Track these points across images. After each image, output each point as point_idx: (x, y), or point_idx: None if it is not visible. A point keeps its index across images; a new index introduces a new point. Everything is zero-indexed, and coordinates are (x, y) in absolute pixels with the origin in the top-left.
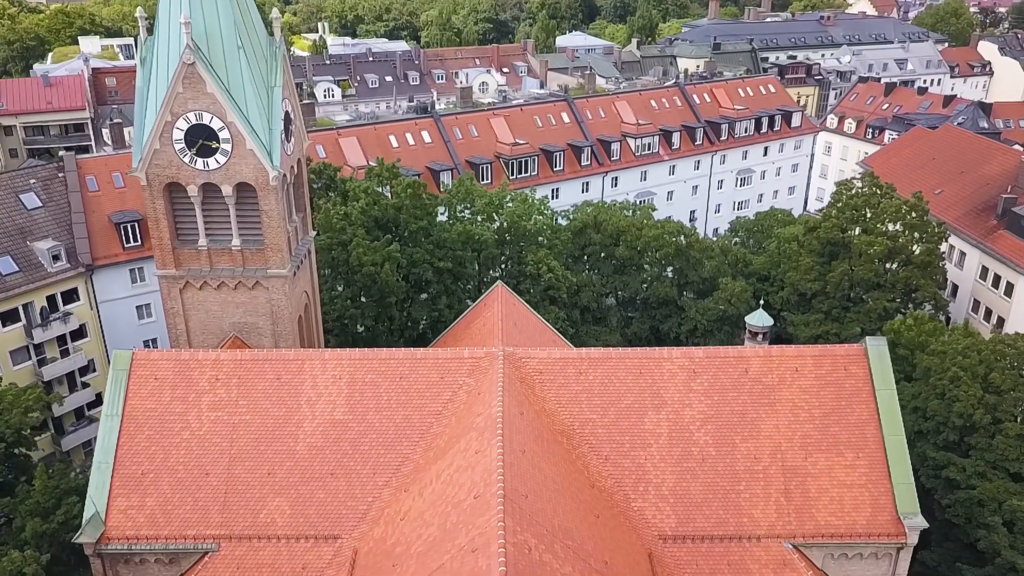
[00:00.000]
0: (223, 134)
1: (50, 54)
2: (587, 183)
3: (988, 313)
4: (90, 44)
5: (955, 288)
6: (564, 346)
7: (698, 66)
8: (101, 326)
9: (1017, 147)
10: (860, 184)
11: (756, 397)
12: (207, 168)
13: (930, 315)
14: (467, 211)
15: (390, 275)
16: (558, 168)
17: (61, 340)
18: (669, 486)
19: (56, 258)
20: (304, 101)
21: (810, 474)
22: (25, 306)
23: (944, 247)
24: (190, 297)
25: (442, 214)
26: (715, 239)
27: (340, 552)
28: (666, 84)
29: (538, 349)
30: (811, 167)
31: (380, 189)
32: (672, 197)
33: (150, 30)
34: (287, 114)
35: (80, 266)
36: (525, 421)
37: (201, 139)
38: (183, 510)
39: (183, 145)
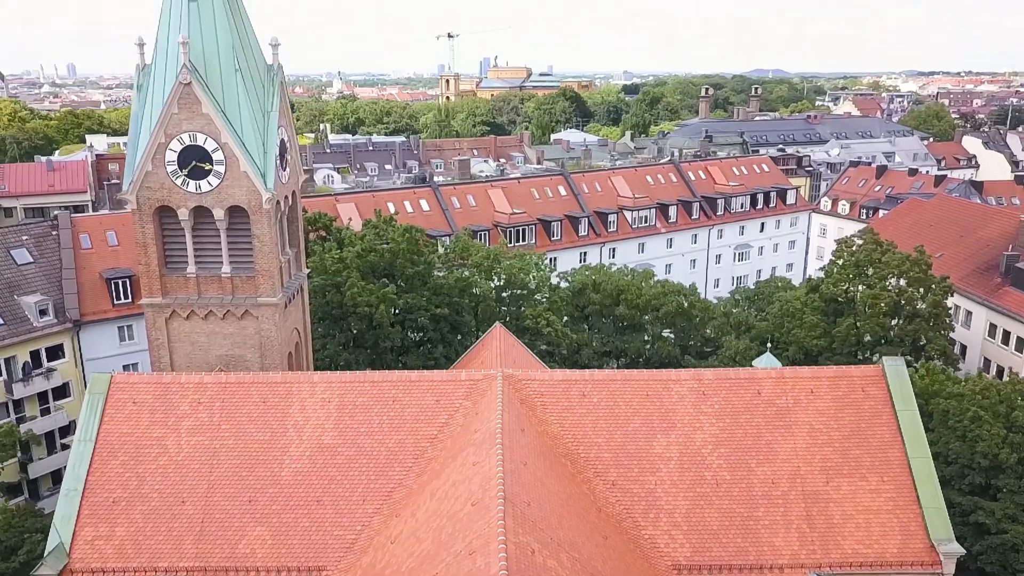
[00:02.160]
0: (217, 155)
1: (57, 151)
2: (584, 253)
3: (1000, 371)
4: (97, 141)
5: (964, 348)
6: None
7: (692, 149)
8: (85, 385)
9: (1015, 201)
10: (860, 241)
11: (770, 419)
12: (199, 191)
13: (941, 369)
14: (465, 267)
15: (385, 316)
16: (556, 237)
17: (43, 398)
18: (682, 513)
19: (43, 312)
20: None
21: (832, 499)
22: (7, 360)
23: (949, 305)
24: (176, 328)
25: (439, 270)
26: (717, 301)
27: None
28: (661, 161)
29: (539, 371)
30: (807, 249)
31: (377, 239)
32: (670, 270)
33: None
34: (283, 142)
35: (67, 321)
36: (527, 438)
37: (194, 160)
38: (155, 540)
39: (176, 167)
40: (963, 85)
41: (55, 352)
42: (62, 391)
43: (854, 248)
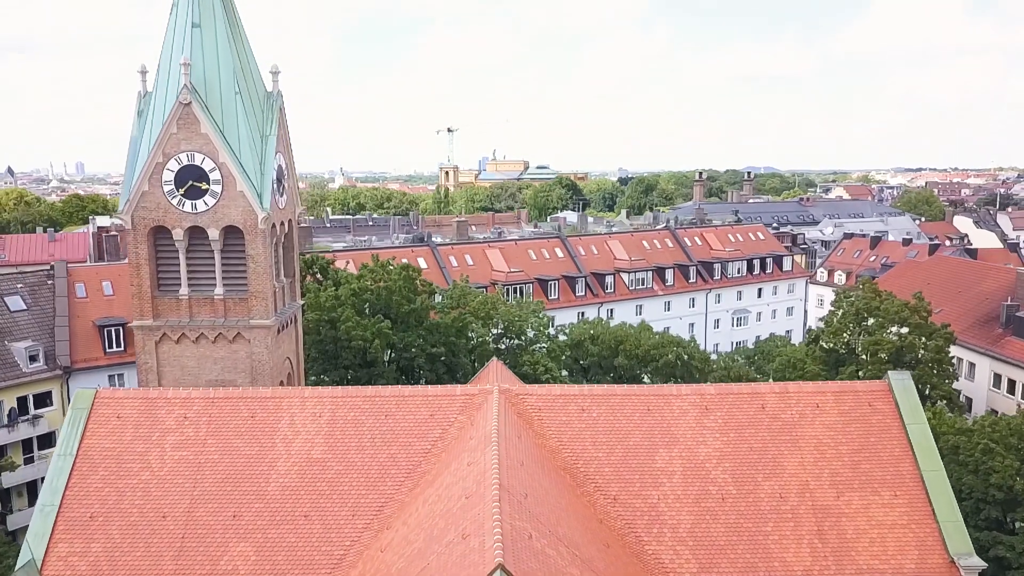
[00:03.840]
0: (214, 175)
1: (62, 231)
2: (582, 313)
3: None
4: (102, 220)
5: (969, 401)
6: None
7: (688, 218)
8: None
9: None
10: (859, 293)
11: (776, 434)
12: (195, 210)
13: (947, 411)
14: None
15: (380, 352)
16: (553, 297)
17: (27, 446)
18: (687, 527)
19: (33, 358)
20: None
21: (844, 514)
22: None
23: (952, 355)
24: (166, 351)
25: (436, 309)
26: (716, 355)
27: None
28: (657, 227)
29: (536, 386)
30: (805, 319)
31: (373, 281)
32: (668, 333)
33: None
34: (280, 167)
35: (57, 368)
36: (524, 444)
37: (191, 180)
38: (133, 557)
39: (172, 187)
40: (951, 179)
41: (43, 399)
42: (48, 439)
43: (853, 298)
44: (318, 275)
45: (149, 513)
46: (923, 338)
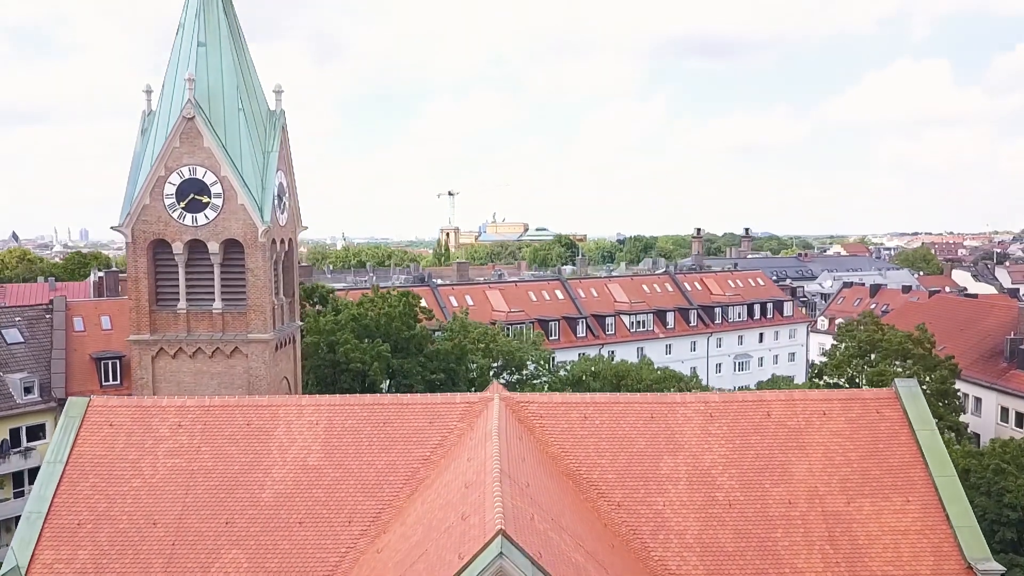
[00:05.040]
0: (215, 188)
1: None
2: (583, 354)
3: None
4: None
5: (977, 436)
6: None
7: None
8: None
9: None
10: (862, 327)
11: (782, 440)
12: (195, 224)
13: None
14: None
15: (379, 375)
16: (553, 337)
17: (18, 480)
18: (694, 534)
19: (28, 390)
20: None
21: (855, 520)
22: None
23: (957, 389)
24: (162, 366)
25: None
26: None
27: None
28: (657, 272)
29: (537, 394)
30: (807, 365)
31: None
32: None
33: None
34: (281, 185)
35: (52, 400)
36: (525, 444)
37: (192, 194)
38: (120, 564)
39: (173, 200)
40: (947, 241)
41: (36, 432)
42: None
43: (855, 332)
44: (318, 304)
45: (139, 520)
46: (927, 371)
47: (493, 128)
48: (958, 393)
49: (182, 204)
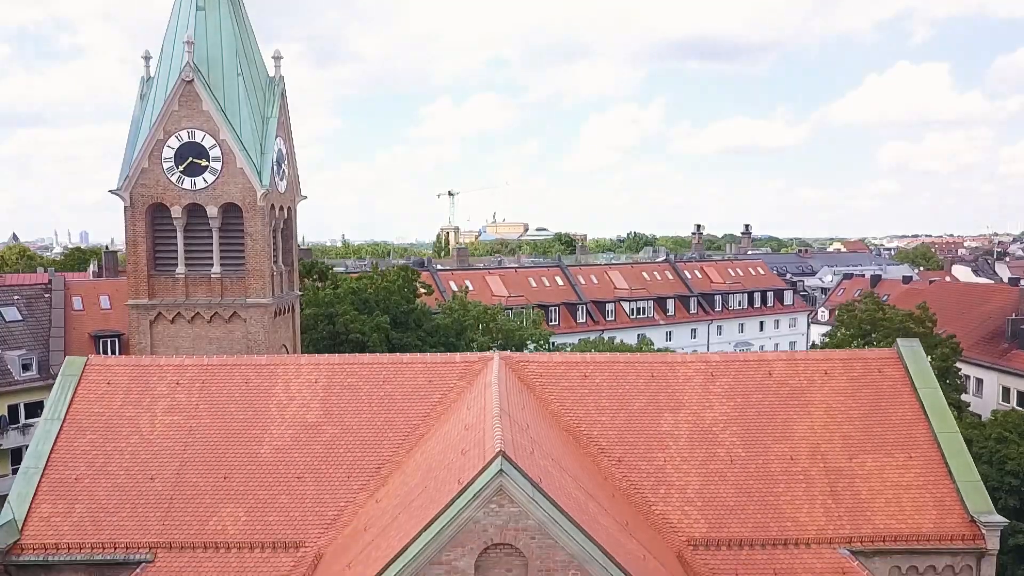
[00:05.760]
0: (214, 152)
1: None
2: (583, 339)
3: None
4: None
5: (978, 417)
6: None
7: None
8: None
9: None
10: (862, 306)
11: (784, 399)
12: (194, 188)
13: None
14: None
15: (378, 346)
16: (553, 323)
17: (16, 456)
18: (695, 489)
19: (26, 367)
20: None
21: (858, 475)
22: None
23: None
24: (160, 331)
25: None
26: None
27: (302, 562)
28: (657, 260)
29: (536, 354)
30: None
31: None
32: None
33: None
34: (280, 152)
35: (50, 377)
36: (525, 398)
37: (191, 157)
38: (117, 517)
39: (172, 164)
40: (947, 242)
41: (34, 410)
42: None
43: (856, 311)
44: (317, 280)
45: (137, 475)
46: (929, 349)
47: (493, 130)
48: (959, 373)
49: (180, 168)
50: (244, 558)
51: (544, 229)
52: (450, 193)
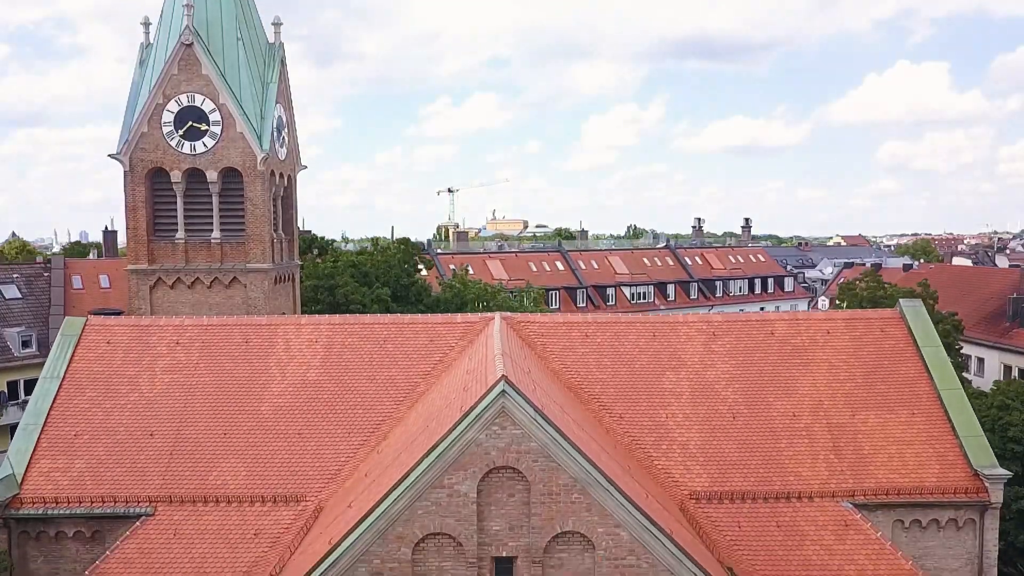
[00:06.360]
0: (213, 116)
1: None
2: None
3: None
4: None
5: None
6: None
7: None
8: None
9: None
10: (862, 284)
11: (786, 357)
12: (194, 152)
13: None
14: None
15: None
16: (554, 307)
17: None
18: (697, 444)
19: (25, 344)
20: None
21: (860, 431)
22: None
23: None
24: (159, 297)
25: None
26: None
27: (302, 515)
28: (658, 246)
29: (538, 315)
30: None
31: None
32: None
33: None
34: (280, 119)
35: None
36: (527, 355)
37: (191, 121)
38: (117, 472)
39: (172, 128)
40: (947, 239)
41: (33, 386)
42: None
43: (857, 289)
44: (317, 256)
45: (136, 432)
46: None
47: (493, 130)
48: (960, 352)
49: (180, 132)
50: (245, 511)
51: (544, 226)
52: (449, 190)
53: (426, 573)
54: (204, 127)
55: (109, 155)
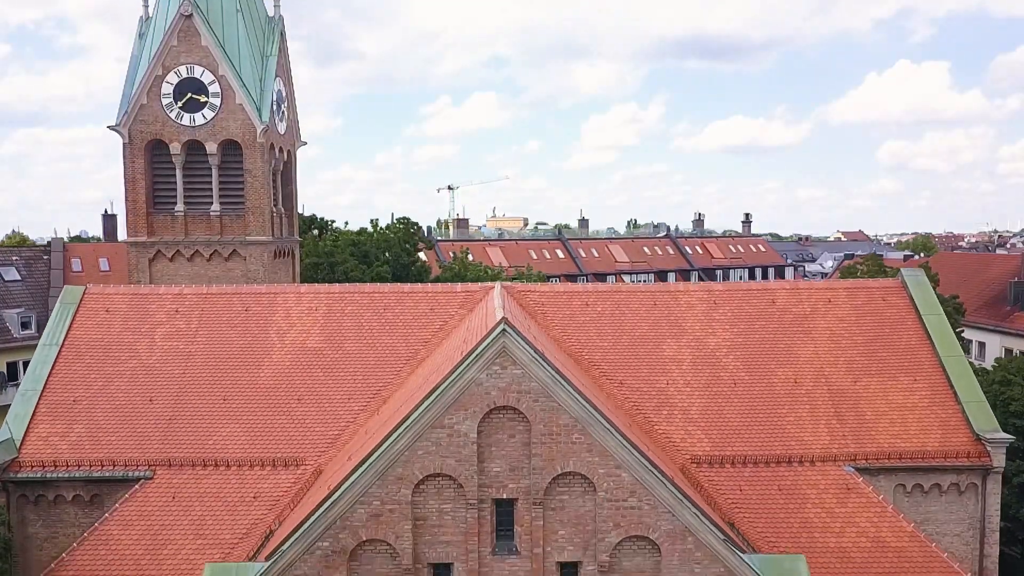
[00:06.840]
0: (213, 88)
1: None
2: None
3: None
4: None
5: None
6: None
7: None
8: None
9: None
10: (863, 267)
11: (787, 326)
12: (193, 124)
13: None
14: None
15: None
16: None
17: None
18: (698, 410)
19: (25, 325)
20: None
21: (862, 397)
22: None
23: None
24: (159, 269)
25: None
26: None
27: (301, 479)
28: (658, 235)
29: (538, 284)
30: None
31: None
32: None
33: None
34: (280, 92)
35: None
36: (529, 323)
37: (190, 93)
38: (116, 437)
39: (171, 100)
40: (947, 237)
41: None
42: None
43: (858, 273)
44: (318, 235)
45: (136, 398)
46: None
47: (493, 129)
48: (962, 336)
49: (180, 104)
50: (244, 475)
51: (544, 224)
52: (450, 187)
53: (426, 515)
54: (203, 99)
55: (108, 127)
